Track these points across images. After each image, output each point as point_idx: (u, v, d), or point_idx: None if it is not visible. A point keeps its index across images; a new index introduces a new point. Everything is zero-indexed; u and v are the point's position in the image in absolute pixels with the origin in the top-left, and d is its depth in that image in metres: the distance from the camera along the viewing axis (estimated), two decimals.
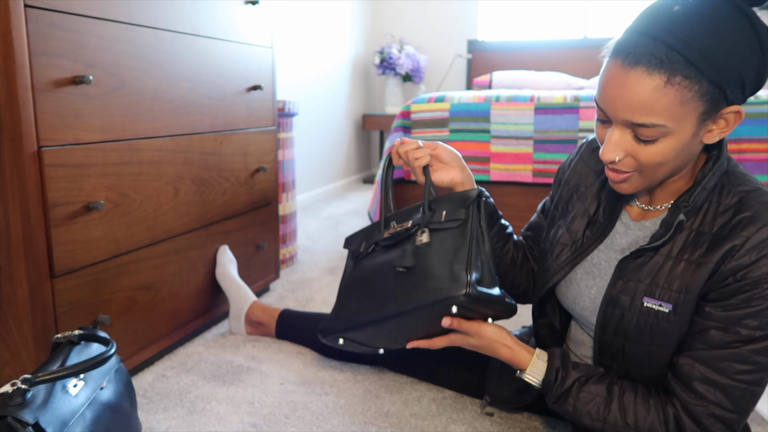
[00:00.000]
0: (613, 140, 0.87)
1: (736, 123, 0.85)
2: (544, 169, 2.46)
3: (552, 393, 1.00)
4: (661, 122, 0.82)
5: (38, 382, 0.89)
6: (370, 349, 1.13)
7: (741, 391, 0.88)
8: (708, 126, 0.86)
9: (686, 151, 0.87)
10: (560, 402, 1.00)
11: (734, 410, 0.88)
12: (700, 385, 0.89)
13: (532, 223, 1.27)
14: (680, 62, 0.79)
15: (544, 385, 1.01)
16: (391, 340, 1.09)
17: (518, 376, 1.04)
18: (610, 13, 4.21)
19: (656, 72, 0.80)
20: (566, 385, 0.99)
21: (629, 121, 0.84)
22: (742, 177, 0.93)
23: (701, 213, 0.92)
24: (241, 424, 1.25)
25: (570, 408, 0.99)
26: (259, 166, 1.88)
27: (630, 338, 0.97)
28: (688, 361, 0.90)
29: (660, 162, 0.87)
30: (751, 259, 0.85)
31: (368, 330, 1.06)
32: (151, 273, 1.45)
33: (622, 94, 0.83)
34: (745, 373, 0.87)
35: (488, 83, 3.88)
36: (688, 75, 0.79)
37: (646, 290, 0.94)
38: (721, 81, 0.80)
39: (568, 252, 1.08)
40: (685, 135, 0.84)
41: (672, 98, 0.80)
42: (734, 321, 0.87)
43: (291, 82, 3.41)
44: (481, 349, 1.04)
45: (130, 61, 1.33)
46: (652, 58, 0.80)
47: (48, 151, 1.14)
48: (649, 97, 0.81)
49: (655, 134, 0.84)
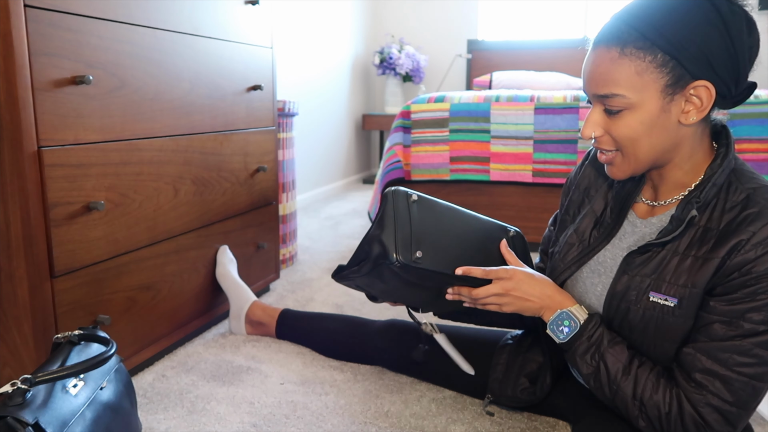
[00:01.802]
0: (590, 118, 0.96)
1: (709, 101, 0.88)
2: (544, 169, 2.46)
3: (585, 339, 1.00)
4: (621, 92, 0.89)
5: (38, 382, 0.89)
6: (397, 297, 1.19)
7: (741, 384, 0.88)
8: (679, 103, 0.89)
9: (661, 128, 0.91)
10: (589, 353, 0.99)
11: (734, 403, 0.89)
12: (700, 375, 0.90)
13: (545, 239, 1.29)
14: (633, 34, 0.88)
15: (582, 328, 1.00)
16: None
17: (552, 319, 1.03)
18: (610, 13, 4.20)
19: (613, 45, 0.89)
20: (598, 334, 0.99)
21: (596, 94, 0.93)
22: (749, 175, 0.94)
23: (709, 209, 0.93)
24: (241, 424, 1.25)
25: (594, 363, 0.99)
26: (259, 166, 1.88)
27: (635, 332, 0.98)
28: (691, 352, 0.92)
29: (631, 136, 0.92)
30: (757, 254, 0.86)
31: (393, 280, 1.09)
32: (151, 273, 1.45)
33: (589, 70, 0.94)
34: (746, 366, 0.88)
35: (488, 83, 3.88)
36: (641, 46, 0.87)
37: (653, 285, 0.95)
38: (675, 52, 0.86)
39: (575, 251, 1.09)
40: (650, 108, 0.89)
41: (627, 68, 0.88)
42: (738, 315, 0.88)
43: (291, 82, 3.41)
44: (517, 292, 1.04)
45: (130, 61, 1.33)
46: (610, 34, 0.90)
47: (48, 151, 1.14)
48: (607, 68, 0.90)
49: (618, 104, 0.91)
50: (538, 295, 1.05)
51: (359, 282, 1.15)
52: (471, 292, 1.07)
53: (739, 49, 0.86)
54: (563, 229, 1.17)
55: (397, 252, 1.01)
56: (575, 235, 1.10)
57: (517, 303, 1.06)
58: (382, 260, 1.02)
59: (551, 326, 1.04)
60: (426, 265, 1.02)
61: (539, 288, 1.05)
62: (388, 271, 1.04)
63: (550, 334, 1.04)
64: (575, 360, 1.01)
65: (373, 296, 1.24)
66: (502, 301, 1.06)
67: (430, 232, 1.05)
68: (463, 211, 1.13)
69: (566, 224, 1.16)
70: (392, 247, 1.02)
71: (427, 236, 1.04)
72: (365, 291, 1.22)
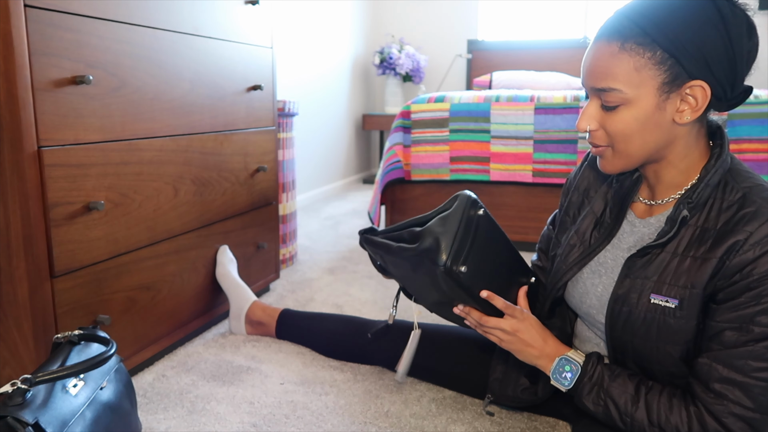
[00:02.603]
0: (586, 111, 0.96)
1: (704, 102, 0.89)
2: (544, 169, 2.46)
3: (587, 380, 1.01)
4: (618, 86, 0.90)
5: (38, 382, 0.89)
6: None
7: (760, 389, 0.88)
8: (674, 102, 0.89)
9: (655, 126, 0.91)
10: (593, 392, 1.00)
11: (756, 409, 0.88)
12: (718, 384, 0.89)
13: (543, 237, 1.30)
14: (635, 30, 0.88)
15: (583, 370, 1.02)
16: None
17: (554, 367, 1.05)
18: (610, 13, 4.20)
19: (614, 40, 0.90)
20: (599, 372, 1.01)
21: (594, 87, 0.93)
22: (745, 174, 0.94)
23: (706, 209, 0.93)
24: (241, 424, 1.25)
25: (601, 401, 0.99)
26: (259, 166, 1.88)
27: (638, 335, 0.98)
28: (707, 362, 0.91)
29: (624, 132, 0.92)
30: (755, 254, 0.86)
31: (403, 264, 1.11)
32: (151, 273, 1.45)
33: (588, 63, 0.94)
34: (763, 371, 0.87)
35: (488, 83, 3.88)
36: (642, 42, 0.87)
37: (654, 287, 0.95)
38: (675, 51, 0.86)
39: (576, 252, 1.10)
40: (646, 105, 0.90)
41: (626, 63, 0.88)
42: (747, 320, 0.87)
43: (291, 82, 3.41)
44: (524, 335, 1.06)
45: (130, 61, 1.33)
46: (612, 29, 0.91)
47: (48, 151, 1.14)
48: (606, 62, 0.90)
49: (615, 99, 0.91)
50: (539, 346, 1.07)
51: (387, 257, 1.16)
52: (481, 318, 1.08)
53: (738, 52, 0.86)
54: (563, 231, 1.17)
55: (448, 258, 1.02)
56: (576, 236, 1.11)
57: (518, 345, 1.08)
58: (429, 256, 1.03)
59: (554, 375, 1.05)
60: (463, 280, 1.04)
61: (542, 338, 1.07)
62: (426, 267, 1.06)
63: (555, 384, 1.05)
64: (583, 402, 1.02)
65: (384, 269, 1.25)
66: (506, 338, 1.08)
67: (479, 252, 1.07)
68: (507, 240, 1.14)
69: (566, 225, 1.17)
70: (447, 251, 1.02)
71: (476, 255, 1.06)
72: (380, 262, 1.23)
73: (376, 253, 1.17)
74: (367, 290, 2.10)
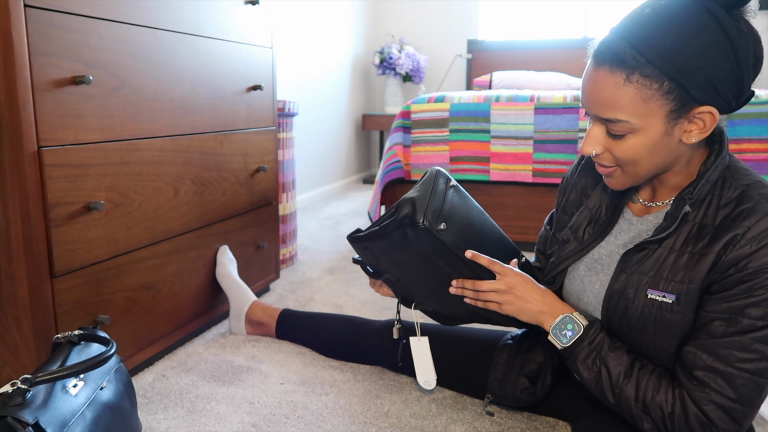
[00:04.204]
0: (591, 135, 0.95)
1: (712, 124, 0.88)
2: (544, 169, 2.46)
3: (586, 344, 1.01)
4: (625, 118, 0.88)
5: (38, 382, 0.89)
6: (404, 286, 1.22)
7: (743, 380, 0.88)
8: (682, 125, 0.89)
9: (663, 149, 0.91)
10: (590, 358, 1.00)
11: (737, 400, 0.89)
12: (702, 372, 0.90)
13: (540, 238, 1.30)
14: (640, 61, 0.85)
15: (584, 332, 1.01)
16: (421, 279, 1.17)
17: (556, 323, 1.04)
18: (610, 13, 4.21)
19: (618, 70, 0.87)
20: (599, 339, 1.00)
21: (599, 116, 0.91)
22: (743, 171, 0.95)
23: (704, 206, 0.94)
24: (241, 424, 1.25)
25: (595, 368, 0.99)
26: (259, 166, 1.88)
27: (634, 330, 0.98)
28: (692, 350, 0.92)
29: (633, 158, 0.92)
30: (752, 249, 0.87)
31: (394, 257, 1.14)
32: (151, 273, 1.45)
33: (591, 90, 0.91)
34: (747, 362, 0.88)
35: (488, 83, 3.88)
36: (648, 74, 0.85)
37: (650, 282, 0.96)
38: (683, 80, 0.84)
39: (569, 247, 1.11)
40: (654, 132, 0.89)
41: (633, 95, 0.86)
42: (737, 311, 0.88)
43: (291, 82, 3.41)
44: (520, 291, 1.06)
45: (130, 61, 1.33)
46: (615, 57, 0.87)
47: (48, 151, 1.14)
48: (612, 93, 0.88)
49: (622, 129, 0.90)
50: (539, 299, 1.06)
51: (374, 249, 1.17)
52: (475, 284, 1.08)
53: (745, 71, 0.86)
54: (561, 229, 1.17)
55: (425, 217, 1.06)
56: (569, 231, 1.12)
57: (517, 303, 1.07)
58: (408, 221, 1.07)
59: (554, 330, 1.04)
60: (445, 238, 1.06)
61: (540, 293, 1.07)
62: (408, 236, 1.08)
63: (552, 340, 1.05)
64: (576, 366, 1.02)
65: (377, 271, 1.26)
66: (503, 299, 1.07)
67: (458, 217, 1.11)
68: (488, 217, 1.18)
69: (564, 224, 1.17)
70: (422, 211, 1.06)
71: (454, 218, 1.10)
72: (371, 264, 1.24)
73: (366, 248, 1.19)
74: (367, 290, 2.10)
